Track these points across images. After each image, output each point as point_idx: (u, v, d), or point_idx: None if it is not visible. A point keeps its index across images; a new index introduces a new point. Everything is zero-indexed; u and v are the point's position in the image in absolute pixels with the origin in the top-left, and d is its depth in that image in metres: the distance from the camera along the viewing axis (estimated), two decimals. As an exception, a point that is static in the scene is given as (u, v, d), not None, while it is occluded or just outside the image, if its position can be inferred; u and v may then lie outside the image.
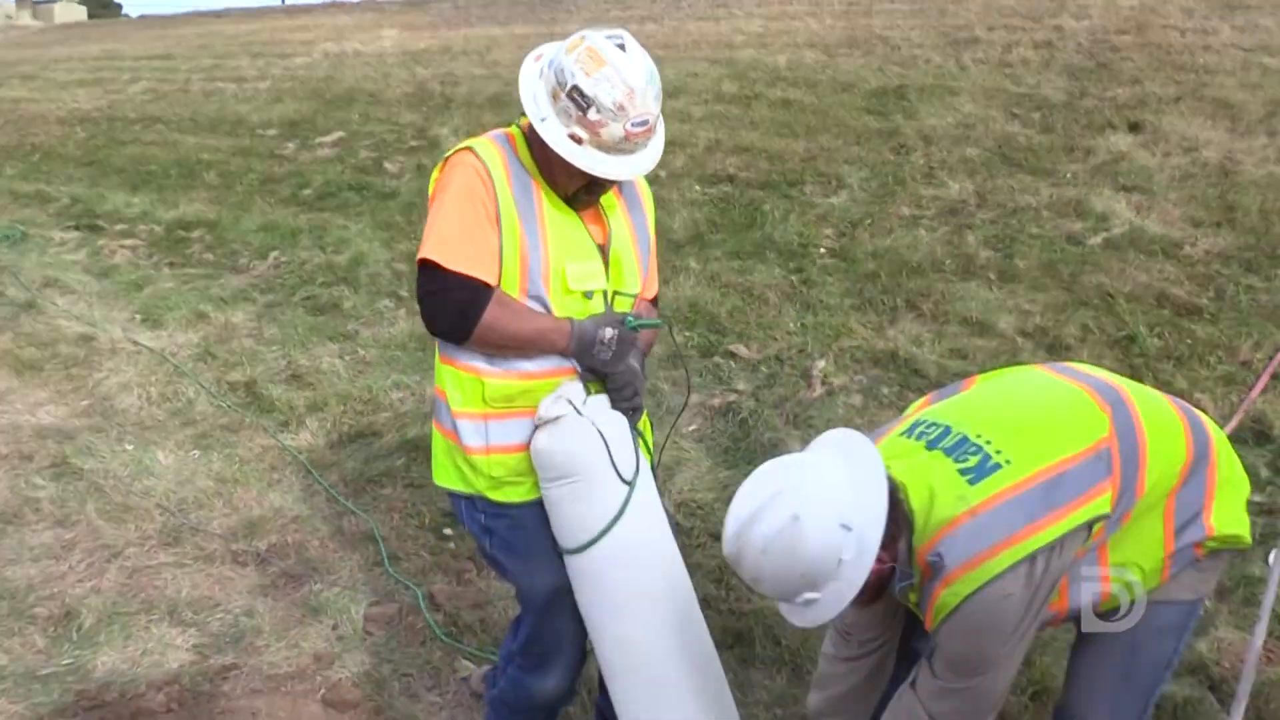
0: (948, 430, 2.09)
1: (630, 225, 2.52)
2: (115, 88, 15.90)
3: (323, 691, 3.27)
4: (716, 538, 1.99)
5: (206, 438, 5.08)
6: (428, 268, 2.28)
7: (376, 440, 4.95)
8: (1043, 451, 2.00)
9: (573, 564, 2.46)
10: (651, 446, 2.72)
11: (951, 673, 2.07)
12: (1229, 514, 2.16)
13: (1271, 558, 3.45)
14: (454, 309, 2.30)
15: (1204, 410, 4.31)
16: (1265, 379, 4.46)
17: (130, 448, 4.95)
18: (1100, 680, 2.20)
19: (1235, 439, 4.14)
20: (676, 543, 2.72)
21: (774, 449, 4.41)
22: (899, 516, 2.00)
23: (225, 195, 9.66)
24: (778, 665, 3.35)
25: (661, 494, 3.96)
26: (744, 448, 4.52)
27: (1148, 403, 2.16)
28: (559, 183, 2.35)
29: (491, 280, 2.29)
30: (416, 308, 2.44)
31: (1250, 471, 3.92)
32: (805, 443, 4.46)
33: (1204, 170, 6.51)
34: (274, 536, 4.17)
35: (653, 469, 2.71)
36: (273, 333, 6.42)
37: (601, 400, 2.44)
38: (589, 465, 2.36)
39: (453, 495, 2.55)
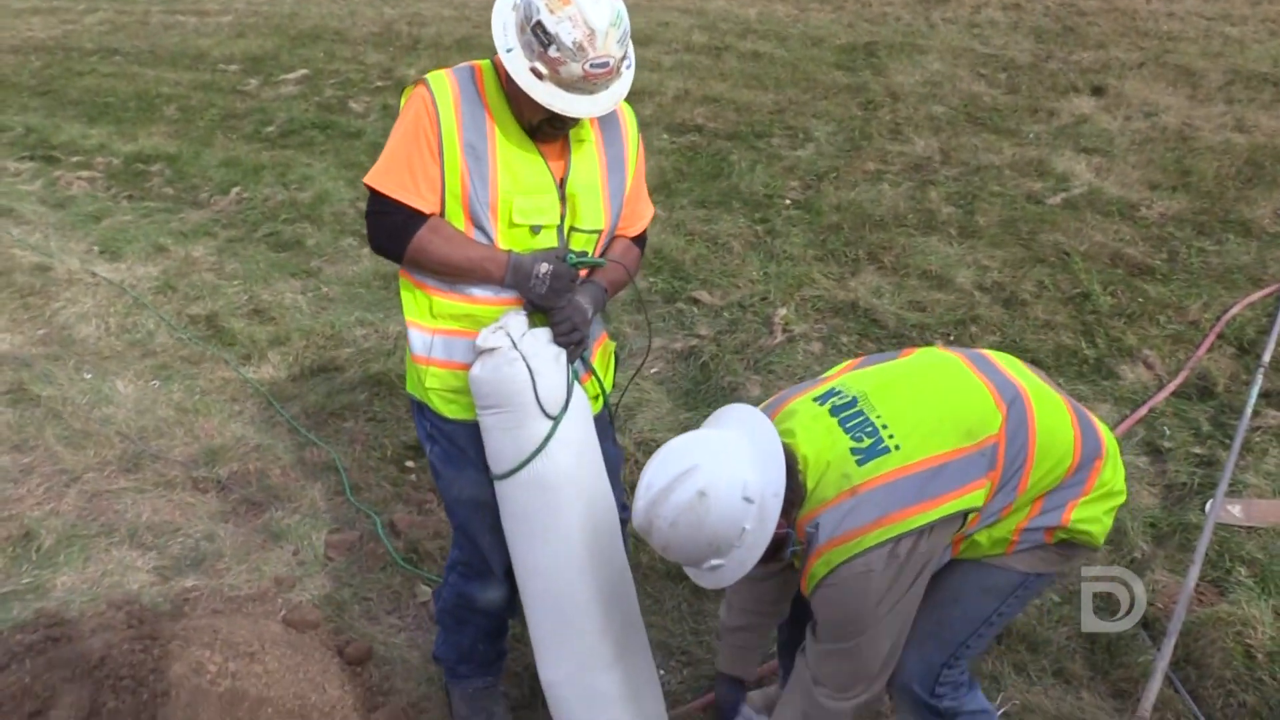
0: (854, 403, 2.22)
1: (602, 160, 2.53)
2: (70, 17, 15.52)
3: (284, 612, 3.32)
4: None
5: (167, 369, 5.06)
6: (371, 191, 2.41)
7: (339, 375, 4.96)
8: (930, 443, 2.13)
9: (499, 489, 2.54)
10: (609, 384, 2.76)
11: (829, 636, 2.23)
12: (1091, 513, 2.27)
13: (1207, 507, 3.59)
14: (387, 230, 2.43)
15: (1152, 367, 4.47)
16: (1211, 338, 4.62)
17: (89, 376, 4.92)
18: (914, 622, 2.30)
19: (1181, 394, 4.30)
20: (620, 480, 2.79)
21: (734, 393, 4.47)
22: (795, 487, 2.13)
23: (186, 129, 9.51)
24: (731, 598, 3.43)
25: (620, 432, 4.01)
26: (704, 391, 4.58)
27: (1045, 405, 2.25)
28: (524, 114, 2.38)
29: (425, 208, 2.39)
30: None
31: (1192, 425, 4.09)
32: (764, 387, 4.56)
33: (1163, 135, 6.62)
34: (235, 465, 4.18)
35: (608, 406, 2.76)
36: (234, 268, 6.36)
37: (543, 334, 2.48)
38: (516, 397, 2.42)
39: (413, 401, 2.65)
